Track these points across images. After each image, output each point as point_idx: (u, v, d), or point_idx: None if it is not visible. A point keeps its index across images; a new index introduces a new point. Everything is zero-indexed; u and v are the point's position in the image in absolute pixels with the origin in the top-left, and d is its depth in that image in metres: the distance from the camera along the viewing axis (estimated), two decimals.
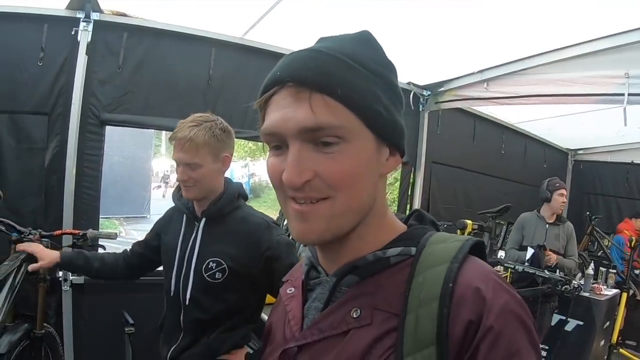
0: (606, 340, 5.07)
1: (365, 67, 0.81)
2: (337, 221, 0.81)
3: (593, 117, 5.61)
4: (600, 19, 3.26)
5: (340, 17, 3.53)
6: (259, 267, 2.18)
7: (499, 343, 0.71)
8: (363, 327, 0.81)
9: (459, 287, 0.75)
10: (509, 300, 0.76)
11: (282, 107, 0.79)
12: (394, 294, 0.81)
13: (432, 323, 0.73)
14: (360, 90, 0.79)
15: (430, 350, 0.72)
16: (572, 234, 5.07)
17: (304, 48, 0.84)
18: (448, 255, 0.80)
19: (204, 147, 2.14)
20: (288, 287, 1.01)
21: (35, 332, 3.03)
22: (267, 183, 26.02)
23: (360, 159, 0.79)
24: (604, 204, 7.87)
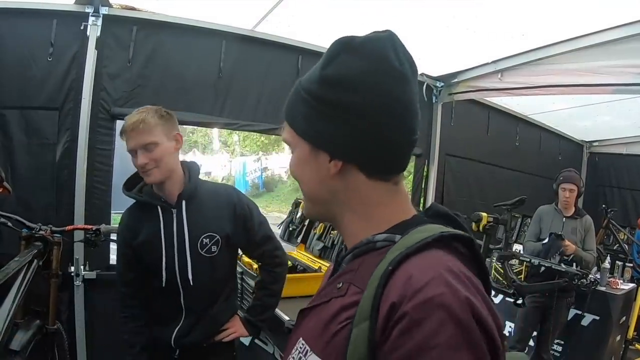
0: (622, 335, 5.00)
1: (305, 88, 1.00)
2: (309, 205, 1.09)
3: (608, 108, 5.53)
4: (616, 7, 3.19)
5: (352, 9, 3.50)
6: (239, 229, 2.41)
7: (412, 332, 0.74)
8: (339, 298, 0.93)
9: (398, 272, 0.82)
10: (445, 294, 0.76)
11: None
12: (366, 273, 0.89)
13: (370, 300, 0.82)
14: (295, 112, 1.02)
15: (366, 323, 0.80)
16: (591, 227, 4.94)
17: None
18: (410, 243, 0.87)
19: (156, 126, 2.22)
20: (331, 266, 1.19)
21: (47, 328, 3.02)
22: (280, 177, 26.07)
23: (297, 160, 1.05)
24: (619, 197, 7.75)
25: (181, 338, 2.38)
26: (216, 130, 21.45)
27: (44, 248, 2.92)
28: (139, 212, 2.40)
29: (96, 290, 3.67)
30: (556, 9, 3.30)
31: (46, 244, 2.94)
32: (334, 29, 4.07)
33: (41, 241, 2.91)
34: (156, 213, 2.33)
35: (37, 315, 2.98)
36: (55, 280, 3.07)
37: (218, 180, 24.97)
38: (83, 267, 3.57)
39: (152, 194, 2.33)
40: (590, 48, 3.63)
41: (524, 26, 3.67)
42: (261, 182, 25.43)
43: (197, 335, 2.38)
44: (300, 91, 1.00)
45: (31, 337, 2.77)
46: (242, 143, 27.15)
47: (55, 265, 3.01)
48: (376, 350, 0.78)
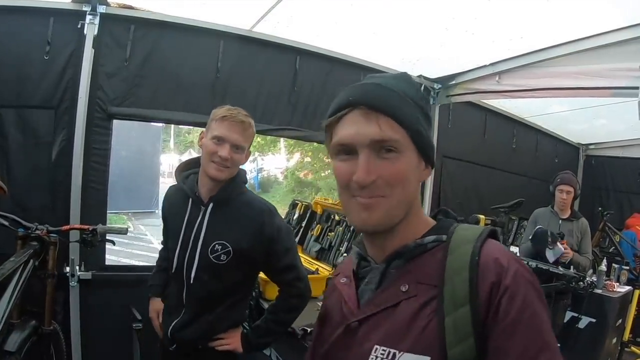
0: (618, 337, 5.01)
1: (412, 99, 1.08)
2: (392, 212, 1.05)
3: (605, 111, 5.54)
4: (614, 10, 3.19)
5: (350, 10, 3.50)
6: (261, 249, 2.33)
7: (515, 298, 0.93)
8: (411, 298, 1.03)
9: (483, 258, 0.98)
10: (520, 268, 0.98)
11: (355, 124, 1.05)
12: (432, 270, 1.03)
13: (465, 287, 0.96)
14: (410, 116, 1.06)
15: (466, 308, 0.94)
16: (587, 230, 4.94)
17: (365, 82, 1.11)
18: (472, 238, 1.03)
19: (250, 137, 2.35)
20: (341, 278, 1.25)
21: (43, 329, 3.00)
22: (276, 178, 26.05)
23: (408, 165, 1.06)
24: (615, 200, 7.76)
25: (177, 332, 2.40)
26: None
27: (40, 248, 2.89)
28: (178, 195, 2.49)
29: (92, 290, 3.64)
30: (554, 12, 3.30)
31: (42, 244, 2.92)
32: (332, 30, 4.10)
33: (37, 241, 2.89)
34: (188, 204, 2.40)
35: (33, 316, 2.96)
36: (52, 280, 3.04)
37: None
38: (78, 267, 3.55)
39: (193, 186, 2.38)
40: (587, 51, 3.63)
41: (522, 29, 3.67)
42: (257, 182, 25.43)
43: (190, 334, 2.38)
44: (407, 99, 1.07)
45: (27, 338, 2.75)
46: None
47: (51, 266, 2.99)
48: (484, 324, 0.93)
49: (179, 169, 2.50)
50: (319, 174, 22.87)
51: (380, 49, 4.37)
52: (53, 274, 3.04)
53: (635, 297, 5.19)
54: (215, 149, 2.23)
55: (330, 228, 4.56)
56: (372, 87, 1.08)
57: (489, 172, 6.38)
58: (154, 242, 13.09)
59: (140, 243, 13.15)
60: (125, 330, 3.43)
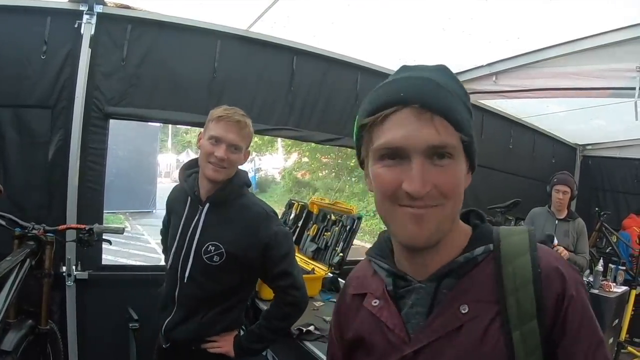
0: (615, 337, 5.02)
1: (460, 97, 0.98)
2: (444, 225, 0.96)
3: (602, 111, 5.54)
4: (611, 11, 3.20)
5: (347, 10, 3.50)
6: (256, 254, 2.32)
7: (577, 305, 0.93)
8: (474, 319, 0.96)
9: (545, 269, 0.95)
10: (574, 274, 0.98)
11: (407, 125, 0.92)
12: (488, 285, 0.98)
13: (532, 301, 0.93)
14: (465, 118, 0.96)
15: (533, 322, 0.92)
16: (583, 230, 4.95)
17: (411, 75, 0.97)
18: (525, 247, 0.99)
19: (248, 136, 2.34)
20: (372, 300, 1.12)
21: (40, 328, 3.00)
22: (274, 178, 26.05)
23: (461, 174, 0.97)
24: (612, 200, 7.76)
25: (169, 330, 2.40)
26: None
27: (36, 247, 2.90)
28: (180, 194, 2.51)
29: (88, 290, 3.64)
30: (551, 13, 3.31)
31: (39, 244, 2.92)
32: (329, 30, 4.10)
33: (34, 240, 2.89)
34: (187, 203, 2.41)
35: (30, 316, 2.96)
36: (48, 280, 3.05)
37: None
38: (75, 267, 3.55)
39: (193, 185, 2.39)
40: (585, 51, 3.64)
41: (519, 29, 3.68)
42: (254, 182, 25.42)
43: (182, 334, 2.37)
44: (460, 100, 0.98)
45: (23, 337, 2.75)
46: None
47: (47, 265, 3.00)
48: (550, 334, 0.92)
49: (183, 168, 2.50)
50: (317, 174, 22.90)
51: (376, 49, 4.38)
52: (49, 274, 3.04)
53: (632, 297, 5.20)
54: (211, 150, 2.23)
55: (327, 228, 4.55)
56: (424, 82, 0.94)
57: (485, 172, 6.36)
58: (151, 242, 13.09)
59: (138, 243, 13.12)
60: (122, 329, 3.44)
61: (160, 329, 2.44)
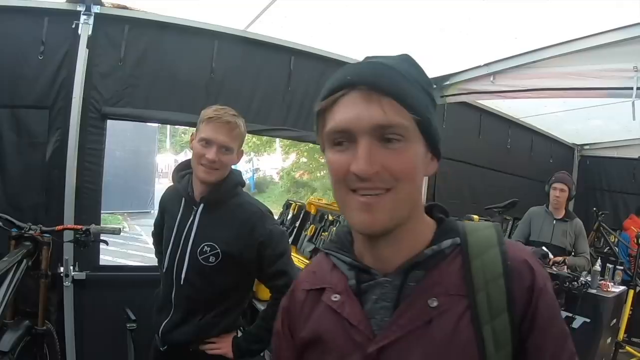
0: (613, 337, 5.01)
1: (419, 83, 0.96)
2: (398, 211, 0.93)
3: (600, 111, 5.55)
4: (608, 11, 3.20)
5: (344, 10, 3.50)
6: (252, 253, 2.30)
7: (546, 297, 0.94)
8: (443, 313, 0.93)
9: (513, 263, 0.95)
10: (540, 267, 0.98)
11: (354, 107, 0.91)
12: (456, 278, 0.96)
13: (502, 295, 0.92)
14: (419, 100, 0.94)
15: (504, 316, 0.91)
16: (582, 230, 4.97)
17: (364, 61, 0.99)
18: (493, 241, 0.99)
19: (239, 137, 2.31)
20: (331, 295, 1.06)
21: (36, 329, 2.99)
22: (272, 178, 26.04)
23: (416, 157, 0.94)
24: (610, 200, 7.79)
25: (167, 333, 2.38)
26: None
27: (33, 248, 2.90)
28: (173, 195, 2.51)
29: (86, 291, 3.64)
30: (548, 13, 3.31)
31: (36, 244, 2.92)
32: (327, 30, 4.10)
33: (31, 241, 2.89)
34: (181, 204, 2.40)
35: (27, 316, 2.96)
36: (45, 280, 3.04)
37: None
38: (72, 267, 3.54)
39: (186, 186, 2.38)
40: (582, 52, 3.64)
41: (516, 29, 3.68)
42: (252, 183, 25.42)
43: (180, 336, 2.36)
44: (417, 85, 0.95)
45: (20, 338, 2.75)
46: None
47: (44, 266, 2.99)
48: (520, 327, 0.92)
49: (176, 170, 2.49)
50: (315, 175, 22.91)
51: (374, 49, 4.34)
52: (46, 274, 3.03)
53: (630, 297, 5.20)
54: (202, 152, 2.22)
55: (324, 228, 4.56)
56: (373, 65, 0.95)
57: (483, 172, 6.39)
58: (149, 243, 12.95)
59: (136, 243, 13.13)
60: (120, 330, 3.43)
61: (157, 331, 2.42)
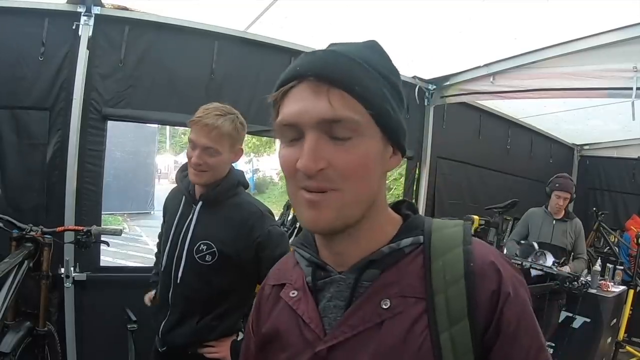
0: (613, 337, 5.02)
1: (377, 70, 0.89)
2: (346, 211, 0.86)
3: (599, 111, 5.56)
4: (608, 12, 3.21)
5: (344, 11, 3.50)
6: (250, 254, 2.27)
7: (514, 304, 0.86)
8: (396, 316, 0.88)
9: (478, 264, 0.87)
10: (512, 270, 0.91)
11: (301, 100, 0.85)
12: (415, 279, 0.90)
13: (462, 299, 0.85)
14: (374, 90, 0.86)
15: (464, 322, 0.84)
16: (581, 231, 4.98)
17: (321, 49, 0.92)
18: (457, 240, 0.92)
19: (226, 136, 2.23)
20: (290, 291, 1.03)
21: (38, 330, 3.00)
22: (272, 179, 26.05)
23: (370, 153, 0.86)
24: (610, 200, 7.79)
25: (166, 334, 2.37)
26: None
27: (34, 249, 2.89)
28: (176, 194, 2.51)
29: (86, 292, 3.63)
30: (548, 13, 3.31)
31: (37, 245, 2.91)
32: (327, 31, 4.09)
33: (32, 242, 2.89)
34: (182, 200, 2.40)
35: (28, 317, 2.96)
36: (46, 281, 3.04)
37: None
38: (73, 268, 3.54)
39: (188, 184, 2.37)
40: (581, 52, 3.65)
41: (516, 30, 3.68)
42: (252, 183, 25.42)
43: (179, 338, 2.35)
44: (370, 69, 0.88)
45: (21, 339, 2.75)
46: None
47: (45, 267, 2.99)
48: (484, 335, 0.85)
49: (180, 170, 2.49)
50: None
51: None
52: (47, 275, 3.03)
53: (630, 297, 5.20)
54: (190, 154, 2.23)
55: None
56: (326, 54, 0.88)
57: (483, 172, 6.39)
58: (150, 244, 13.07)
59: (136, 244, 13.13)
60: (120, 331, 3.43)
61: (157, 332, 2.42)
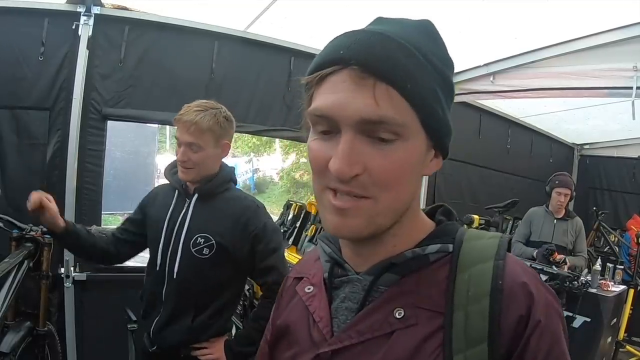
0: (613, 336, 5.01)
1: (431, 62, 0.77)
2: (377, 220, 0.78)
3: (599, 111, 5.56)
4: (608, 11, 3.20)
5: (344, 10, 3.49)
6: (245, 246, 2.28)
7: (544, 334, 0.73)
8: (409, 328, 0.78)
9: (508, 283, 0.76)
10: (548, 294, 0.78)
11: (341, 90, 0.73)
12: (436, 291, 0.80)
13: (484, 320, 0.74)
14: (425, 87, 0.75)
15: (482, 346, 0.73)
16: (582, 230, 5.00)
17: (366, 28, 0.80)
18: (490, 252, 0.80)
19: (207, 131, 2.23)
20: (306, 285, 0.96)
21: (38, 330, 3.01)
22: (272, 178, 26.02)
23: (411, 159, 0.76)
24: (610, 200, 7.79)
25: (157, 332, 2.34)
26: None
27: (34, 249, 2.90)
28: (165, 189, 2.50)
29: (86, 292, 3.64)
30: (548, 13, 3.31)
31: (37, 245, 2.92)
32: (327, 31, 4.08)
33: (32, 242, 2.89)
34: (174, 197, 2.39)
35: (28, 317, 2.97)
36: (46, 281, 3.05)
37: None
38: (73, 268, 3.55)
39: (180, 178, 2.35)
40: (582, 51, 3.65)
41: (516, 29, 3.68)
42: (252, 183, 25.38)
43: (171, 337, 2.32)
44: (428, 67, 0.77)
45: (21, 339, 2.76)
46: (234, 144, 27.07)
47: (45, 267, 3.00)
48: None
49: (168, 168, 2.49)
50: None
51: None
52: (47, 275, 3.05)
53: (630, 296, 5.20)
54: (177, 151, 2.26)
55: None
56: (373, 37, 0.75)
57: (483, 172, 6.39)
58: None
59: None
60: (120, 331, 3.43)
61: (148, 330, 2.39)
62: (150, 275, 2.42)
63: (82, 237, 2.34)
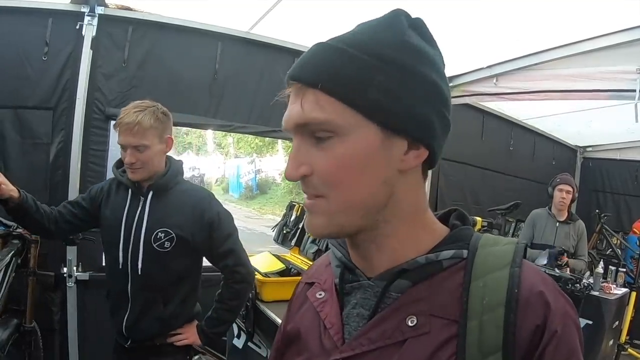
0: (615, 339, 5.01)
1: (369, 53, 0.76)
2: (337, 218, 0.79)
3: (602, 113, 5.55)
4: (611, 13, 3.20)
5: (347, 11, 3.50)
6: (203, 235, 2.39)
7: (561, 346, 0.72)
8: (421, 336, 0.77)
9: (524, 292, 0.74)
10: (566, 304, 0.77)
11: (289, 105, 0.80)
12: (450, 299, 0.78)
13: (498, 329, 0.72)
14: (354, 80, 0.75)
15: (496, 356, 0.72)
16: (584, 233, 4.99)
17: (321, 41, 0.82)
18: (506, 259, 0.79)
19: (150, 129, 2.30)
20: (317, 291, 0.95)
21: (24, 326, 3.05)
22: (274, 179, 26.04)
23: (355, 154, 0.76)
24: (612, 202, 7.78)
25: (130, 328, 2.43)
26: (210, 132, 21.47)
27: (22, 246, 2.93)
28: (117, 187, 2.51)
29: (89, 291, 3.64)
30: (551, 15, 3.31)
31: (24, 242, 2.95)
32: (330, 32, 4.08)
33: (19, 239, 2.92)
34: (127, 196, 2.43)
35: (15, 314, 2.99)
36: (33, 278, 3.09)
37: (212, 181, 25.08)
38: (75, 268, 3.56)
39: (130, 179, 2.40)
40: (585, 54, 3.64)
41: (519, 31, 3.68)
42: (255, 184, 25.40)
43: (145, 330, 2.42)
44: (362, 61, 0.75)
45: (9, 336, 2.78)
46: (237, 145, 27.11)
47: (32, 264, 3.03)
48: None
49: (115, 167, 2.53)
50: None
51: None
52: (34, 272, 3.08)
53: (632, 299, 5.20)
54: (122, 155, 2.33)
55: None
56: (310, 51, 0.80)
57: (486, 174, 6.39)
58: None
59: None
60: None
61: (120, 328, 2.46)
62: (113, 274, 2.48)
63: (29, 212, 2.39)
